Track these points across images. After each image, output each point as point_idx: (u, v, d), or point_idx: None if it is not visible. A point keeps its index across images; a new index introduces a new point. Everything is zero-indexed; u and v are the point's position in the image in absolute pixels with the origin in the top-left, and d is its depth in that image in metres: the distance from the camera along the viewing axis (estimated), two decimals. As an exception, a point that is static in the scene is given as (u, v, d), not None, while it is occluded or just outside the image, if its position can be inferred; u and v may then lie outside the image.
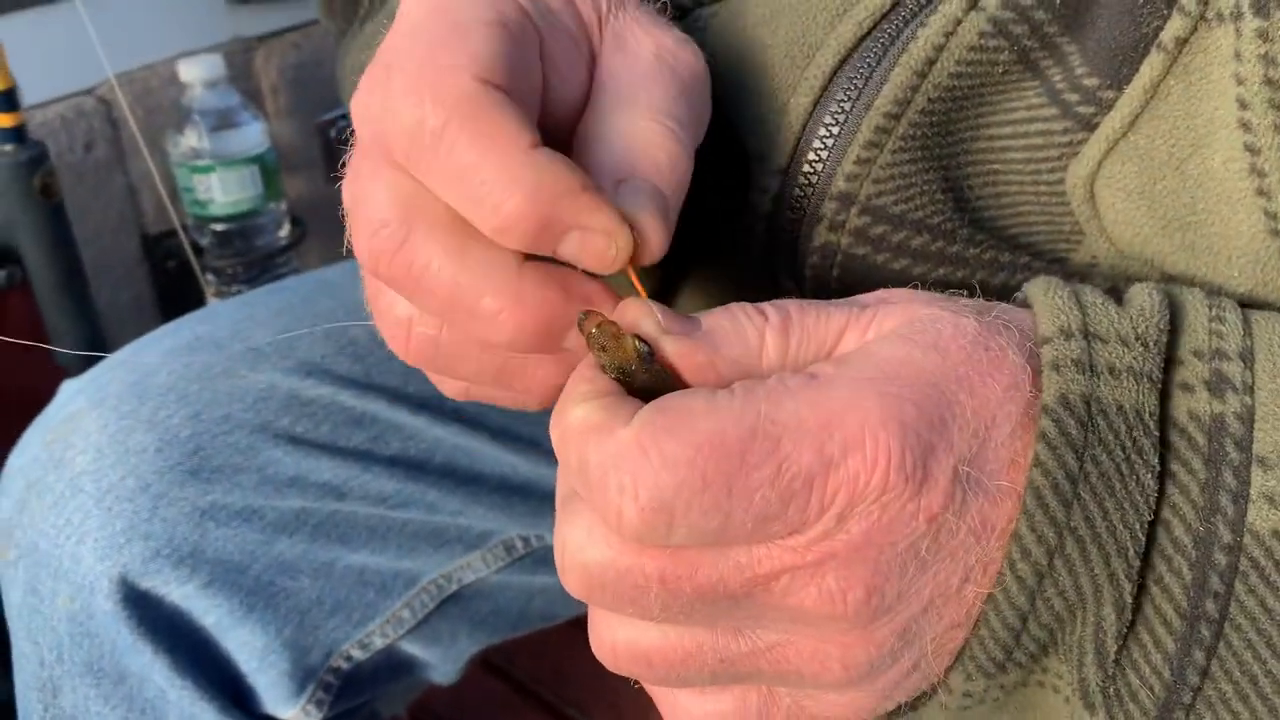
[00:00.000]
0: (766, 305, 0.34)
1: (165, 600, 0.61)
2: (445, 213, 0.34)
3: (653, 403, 0.31)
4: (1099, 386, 0.32)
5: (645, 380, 0.33)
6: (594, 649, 0.34)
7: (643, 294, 0.35)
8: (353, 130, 0.37)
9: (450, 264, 0.33)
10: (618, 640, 0.33)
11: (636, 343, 0.33)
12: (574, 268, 0.35)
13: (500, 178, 0.32)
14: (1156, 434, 0.32)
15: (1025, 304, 0.35)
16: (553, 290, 0.34)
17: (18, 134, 1.05)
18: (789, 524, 0.30)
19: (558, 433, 0.32)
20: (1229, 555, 0.31)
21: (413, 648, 0.72)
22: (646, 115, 0.37)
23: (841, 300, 0.34)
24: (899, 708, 0.36)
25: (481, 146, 0.32)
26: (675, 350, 0.33)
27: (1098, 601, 0.32)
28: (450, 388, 0.41)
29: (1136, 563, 0.32)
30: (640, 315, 0.33)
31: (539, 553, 0.75)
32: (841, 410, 0.30)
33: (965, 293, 0.36)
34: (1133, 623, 0.33)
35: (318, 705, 0.67)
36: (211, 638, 0.63)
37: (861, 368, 0.31)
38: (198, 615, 0.62)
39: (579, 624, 1.11)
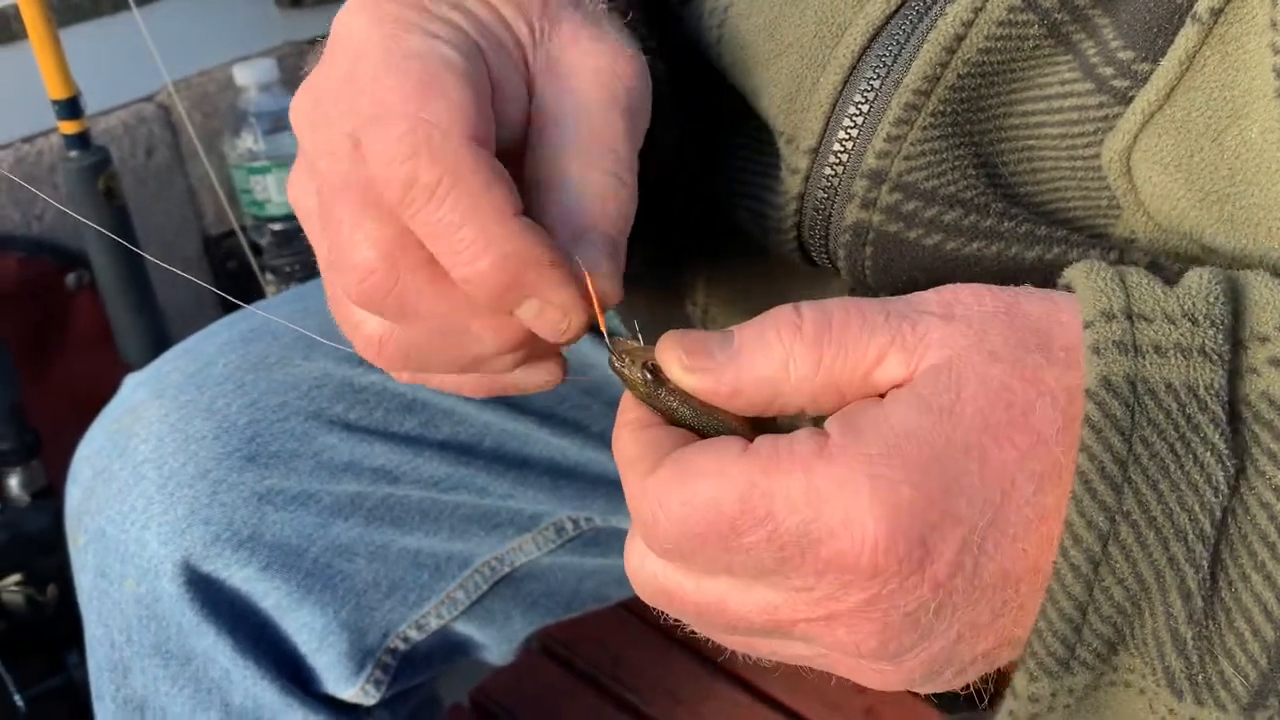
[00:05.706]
0: (808, 311, 0.34)
1: (226, 583, 0.63)
2: (426, 255, 0.36)
3: (675, 453, 0.34)
4: (1144, 366, 0.31)
5: (668, 400, 0.35)
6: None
7: (604, 327, 0.38)
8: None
9: (439, 300, 0.37)
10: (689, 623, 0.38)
11: (644, 370, 0.35)
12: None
13: (479, 239, 0.35)
14: (1218, 409, 0.31)
15: (1069, 287, 0.34)
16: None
17: (82, 140, 1.08)
18: (790, 581, 0.32)
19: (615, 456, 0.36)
20: None
21: (467, 629, 0.73)
22: (597, 166, 0.39)
23: (900, 303, 0.34)
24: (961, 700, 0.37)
25: (466, 207, 0.34)
26: (698, 387, 0.35)
27: (1163, 589, 0.31)
28: (401, 377, 0.44)
29: (1198, 546, 0.31)
30: (667, 357, 0.35)
31: (589, 535, 0.75)
32: (831, 493, 0.31)
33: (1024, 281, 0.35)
34: (1223, 610, 0.31)
35: (376, 685, 0.68)
36: (272, 619, 0.64)
37: (867, 442, 0.32)
38: (258, 597, 0.63)
39: (637, 613, 1.10)
